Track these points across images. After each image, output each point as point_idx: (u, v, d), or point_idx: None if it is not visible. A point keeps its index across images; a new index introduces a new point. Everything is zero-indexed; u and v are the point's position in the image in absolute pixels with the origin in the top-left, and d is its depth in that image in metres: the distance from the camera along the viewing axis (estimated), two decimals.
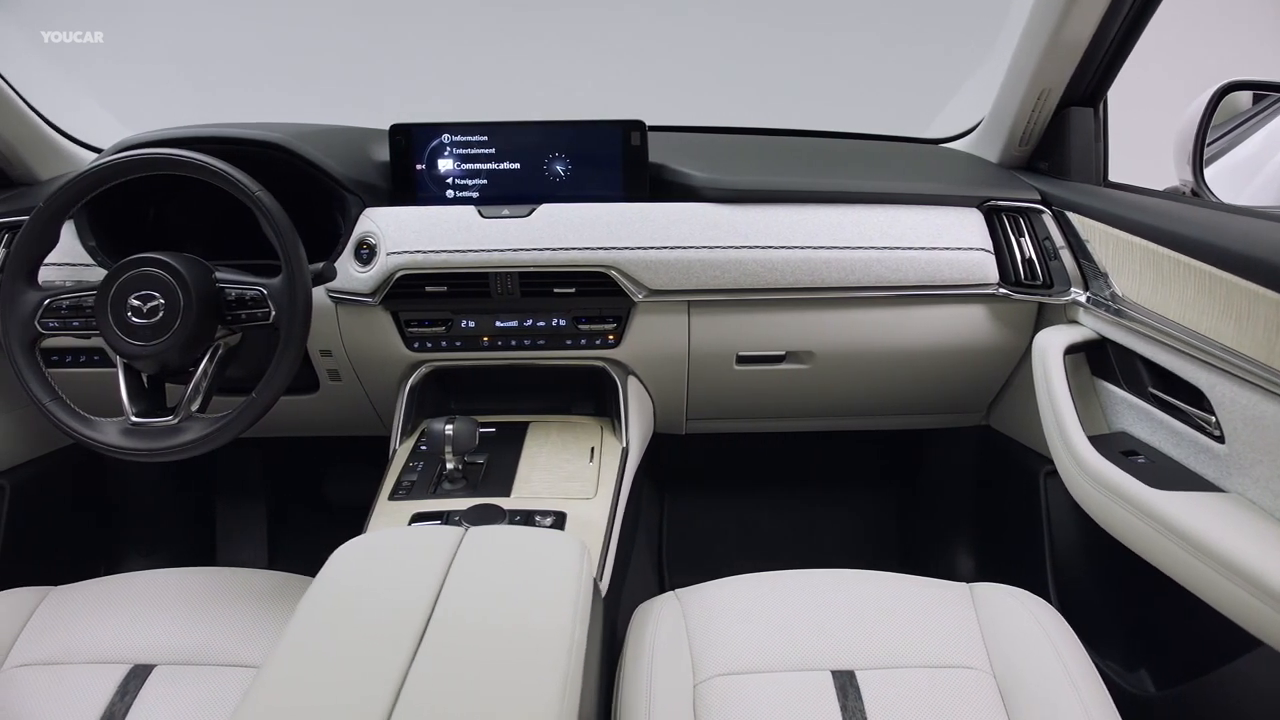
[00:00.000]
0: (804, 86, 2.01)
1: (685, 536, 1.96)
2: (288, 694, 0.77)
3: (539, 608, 0.87)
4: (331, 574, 0.94)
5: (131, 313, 1.15)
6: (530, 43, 2.07)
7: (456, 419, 1.23)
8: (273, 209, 1.15)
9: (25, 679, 1.07)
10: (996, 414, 1.63)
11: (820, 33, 2.03)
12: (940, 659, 1.07)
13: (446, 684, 0.76)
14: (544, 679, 0.77)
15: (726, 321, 1.39)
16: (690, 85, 2.03)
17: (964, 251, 1.35)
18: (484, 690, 0.76)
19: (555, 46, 2.07)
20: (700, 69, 2.05)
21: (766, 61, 2.04)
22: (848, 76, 2.02)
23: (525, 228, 1.32)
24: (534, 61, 2.06)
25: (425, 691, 0.75)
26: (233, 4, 2.01)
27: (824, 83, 2.01)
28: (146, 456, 1.16)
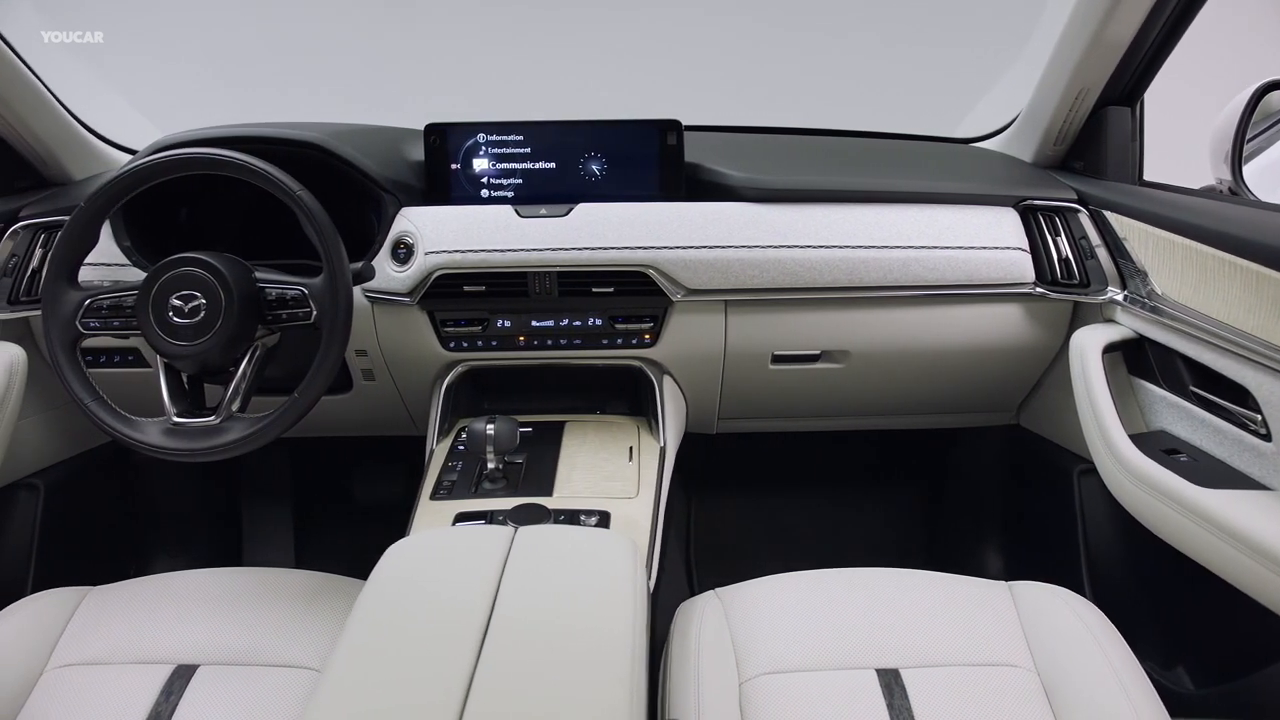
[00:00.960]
0: (829, 87, 2.01)
1: (711, 535, 1.96)
2: (356, 695, 0.77)
3: (599, 608, 0.87)
4: (385, 574, 0.94)
5: (173, 312, 1.14)
6: (551, 43, 2.07)
7: (497, 419, 1.23)
8: (315, 209, 1.15)
9: (69, 679, 1.07)
10: (1027, 413, 1.64)
11: (846, 34, 2.03)
12: (983, 657, 1.07)
13: (514, 684, 0.76)
14: (612, 680, 0.77)
15: (763, 321, 1.39)
16: (715, 86, 2.03)
17: (1001, 251, 1.35)
18: (553, 690, 0.76)
19: (580, 47, 2.07)
20: (725, 69, 2.05)
21: (791, 62, 2.04)
22: (873, 77, 2.02)
23: (563, 227, 1.32)
24: (554, 62, 2.06)
25: (494, 691, 0.75)
26: (246, 3, 2.01)
27: (849, 83, 2.01)
28: (188, 456, 1.15)
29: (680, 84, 2.09)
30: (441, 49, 2.05)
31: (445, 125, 1.40)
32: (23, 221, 1.38)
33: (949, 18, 2.00)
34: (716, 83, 2.03)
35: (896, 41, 2.03)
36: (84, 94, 1.52)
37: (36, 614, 1.15)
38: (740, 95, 2.02)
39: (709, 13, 2.01)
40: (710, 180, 1.39)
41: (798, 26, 2.04)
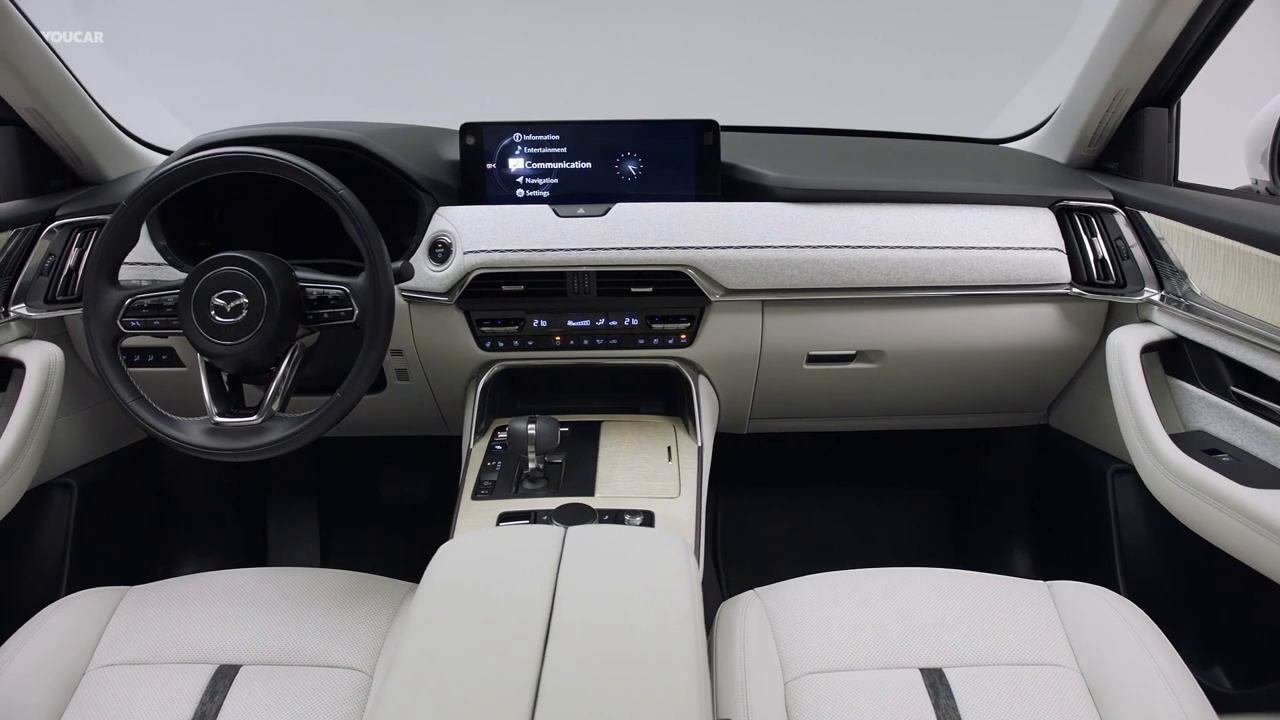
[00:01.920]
0: (858, 88, 2.01)
1: (737, 534, 1.96)
2: (423, 696, 0.76)
3: (660, 608, 0.87)
4: (440, 575, 0.94)
5: (215, 312, 1.14)
6: (578, 44, 2.07)
7: (538, 419, 1.23)
8: (357, 208, 1.15)
9: (113, 679, 1.07)
10: (1058, 413, 1.64)
11: (874, 36, 2.04)
12: (1025, 656, 1.07)
13: (583, 685, 0.76)
14: (681, 683, 0.77)
15: (799, 321, 1.39)
16: (740, 87, 2.04)
17: (1037, 251, 1.35)
18: (623, 693, 0.76)
19: (607, 48, 2.07)
20: (752, 71, 2.05)
21: (819, 64, 2.04)
22: (900, 79, 2.02)
23: (602, 227, 1.32)
24: (581, 63, 2.06)
25: (563, 692, 0.75)
26: (273, 4, 2.01)
27: (878, 85, 2.01)
28: (230, 456, 1.15)
29: (705, 85, 2.09)
30: (467, 49, 2.05)
31: (481, 124, 1.40)
32: (59, 221, 1.38)
33: (975, 20, 2.00)
34: (742, 84, 2.03)
35: (924, 44, 2.03)
36: (116, 93, 1.52)
37: (77, 614, 1.15)
38: (766, 96, 2.03)
39: (737, 17, 2.02)
40: (746, 180, 1.40)
41: (825, 29, 2.04)
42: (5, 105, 1.31)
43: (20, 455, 1.24)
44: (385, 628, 1.14)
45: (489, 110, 1.44)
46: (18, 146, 1.37)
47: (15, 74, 1.24)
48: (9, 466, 1.22)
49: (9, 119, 1.34)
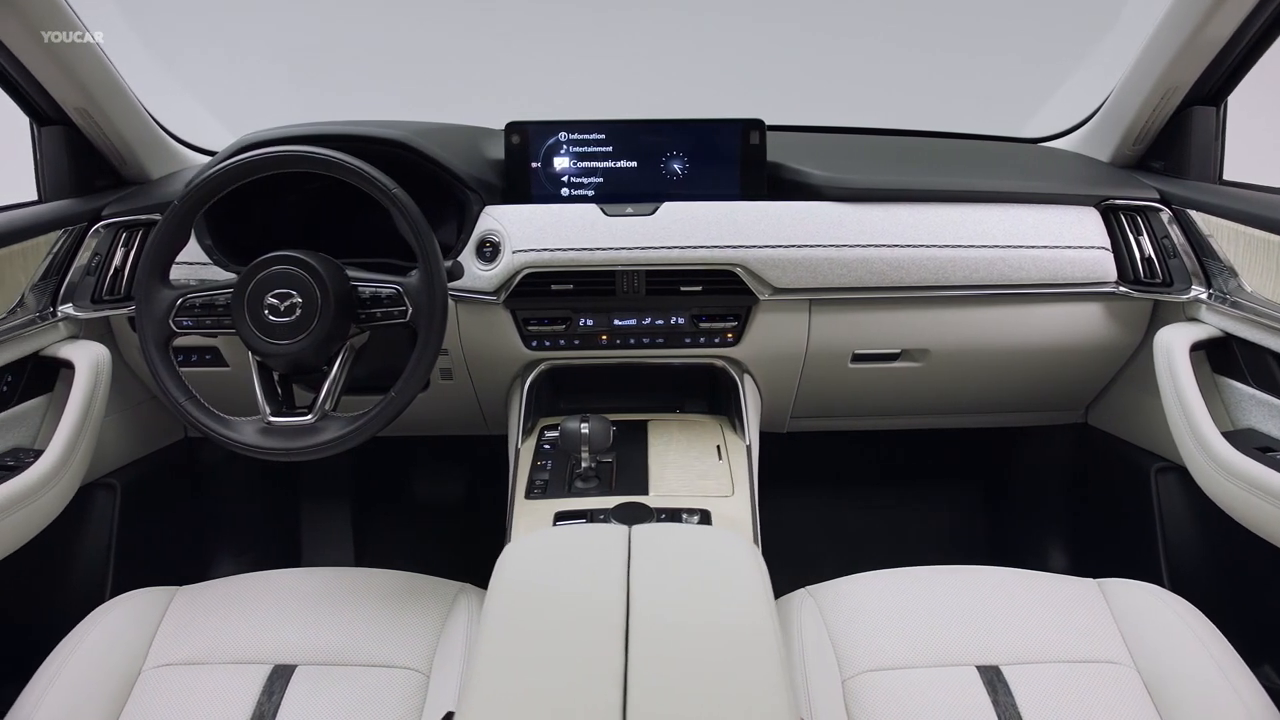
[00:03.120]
0: (889, 89, 2.02)
1: (775, 532, 1.96)
2: (509, 697, 0.76)
3: (737, 607, 0.87)
4: (510, 575, 0.94)
5: (269, 311, 1.14)
6: (612, 43, 2.07)
7: (590, 418, 1.23)
8: (411, 207, 1.15)
9: (169, 679, 1.07)
10: (1098, 411, 1.64)
11: (903, 36, 2.04)
12: (1081, 654, 1.07)
13: (672, 685, 0.76)
14: (768, 679, 0.78)
15: (846, 320, 1.40)
16: (773, 87, 2.04)
17: (1085, 250, 1.35)
18: (712, 690, 0.76)
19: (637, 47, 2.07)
20: (782, 72, 2.06)
21: (851, 64, 2.04)
22: (931, 79, 2.03)
23: (650, 226, 1.33)
24: (615, 61, 2.06)
25: (653, 689, 0.75)
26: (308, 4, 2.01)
27: (908, 85, 2.02)
28: (284, 456, 1.15)
29: (737, 85, 2.09)
30: (498, 49, 2.05)
31: (527, 123, 1.40)
32: (106, 220, 1.38)
33: (1008, 21, 2.01)
34: (776, 84, 2.03)
35: (958, 46, 2.04)
36: (153, 93, 1.52)
37: (130, 614, 1.15)
38: (800, 97, 2.03)
39: (759, 19, 2.02)
40: (791, 180, 1.40)
41: (856, 30, 2.05)
42: (55, 105, 1.30)
43: (72, 455, 1.24)
44: (439, 627, 1.14)
45: (520, 109, 1.44)
46: (65, 146, 1.37)
47: (69, 74, 1.24)
48: (61, 466, 1.22)
49: (58, 119, 1.34)
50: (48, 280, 1.32)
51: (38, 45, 1.18)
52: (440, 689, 1.05)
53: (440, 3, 2.06)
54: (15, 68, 1.23)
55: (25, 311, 1.28)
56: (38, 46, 1.18)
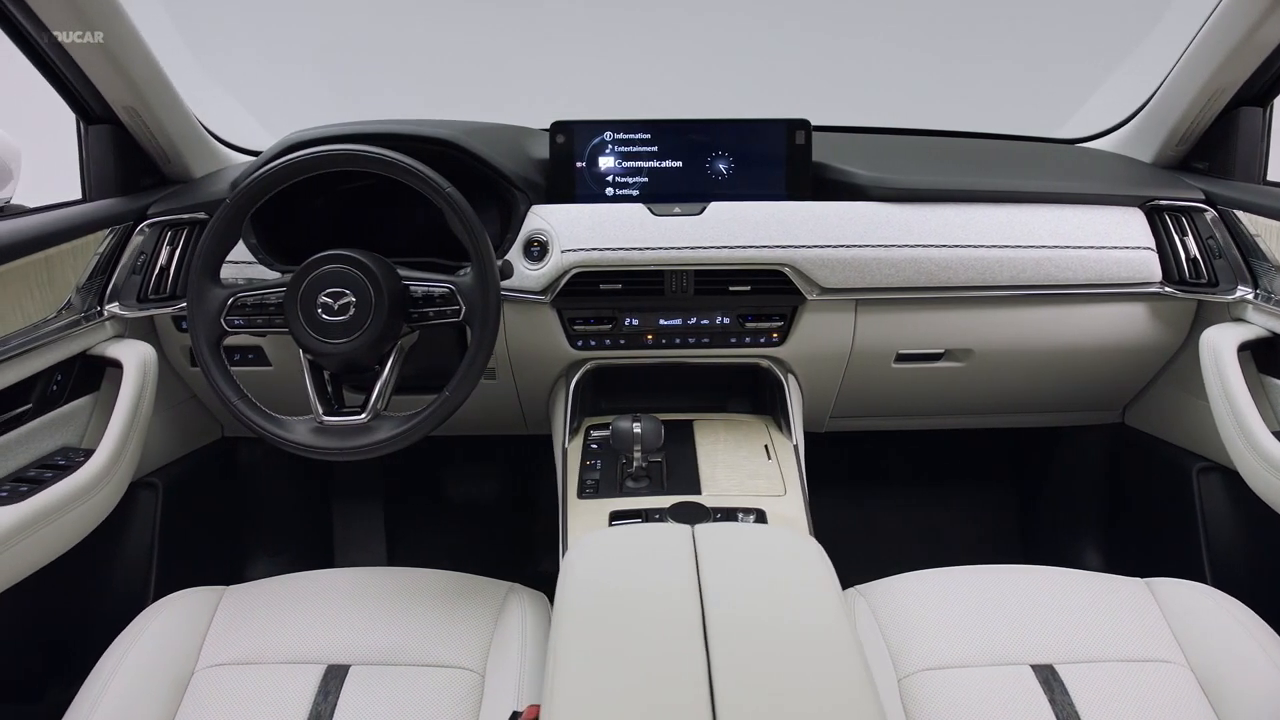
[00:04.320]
0: (922, 89, 2.02)
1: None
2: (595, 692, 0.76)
3: (810, 603, 0.87)
4: (581, 574, 0.93)
5: (322, 310, 1.13)
6: (648, 43, 2.07)
7: (642, 418, 1.23)
8: (465, 207, 1.15)
9: (223, 678, 1.07)
10: (1135, 411, 1.64)
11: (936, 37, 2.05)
12: (1134, 653, 1.07)
13: (756, 678, 0.76)
14: (850, 673, 0.78)
15: (891, 320, 1.40)
16: (805, 87, 2.04)
17: (1131, 251, 1.36)
18: (796, 684, 0.76)
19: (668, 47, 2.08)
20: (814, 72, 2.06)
21: (885, 64, 2.05)
22: (964, 80, 2.03)
23: (698, 226, 1.33)
24: (651, 60, 2.06)
25: (738, 685, 0.75)
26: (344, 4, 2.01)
27: (941, 86, 2.02)
28: (338, 455, 1.15)
29: (770, 86, 2.09)
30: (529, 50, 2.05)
31: (572, 123, 1.40)
32: (151, 219, 1.38)
33: (1041, 25, 2.02)
34: (810, 85, 2.03)
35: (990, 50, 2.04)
36: (194, 92, 1.52)
37: (180, 613, 1.15)
38: (834, 98, 2.03)
39: (774, 22, 2.02)
40: (837, 180, 1.40)
41: (890, 35, 2.05)
42: (104, 103, 1.30)
43: (122, 453, 1.24)
44: (491, 627, 1.14)
45: (542, 109, 1.44)
46: (112, 145, 1.36)
47: (121, 73, 1.24)
48: (112, 464, 1.22)
49: (105, 117, 1.34)
50: (94, 279, 1.32)
51: (95, 45, 1.18)
52: (496, 689, 1.05)
53: (466, 4, 2.06)
54: (69, 66, 1.22)
55: (73, 311, 1.28)
56: (93, 45, 1.18)
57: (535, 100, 2.02)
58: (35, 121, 1.41)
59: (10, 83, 1.33)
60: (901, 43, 2.06)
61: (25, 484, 1.13)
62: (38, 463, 1.21)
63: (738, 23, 2.05)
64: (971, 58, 2.04)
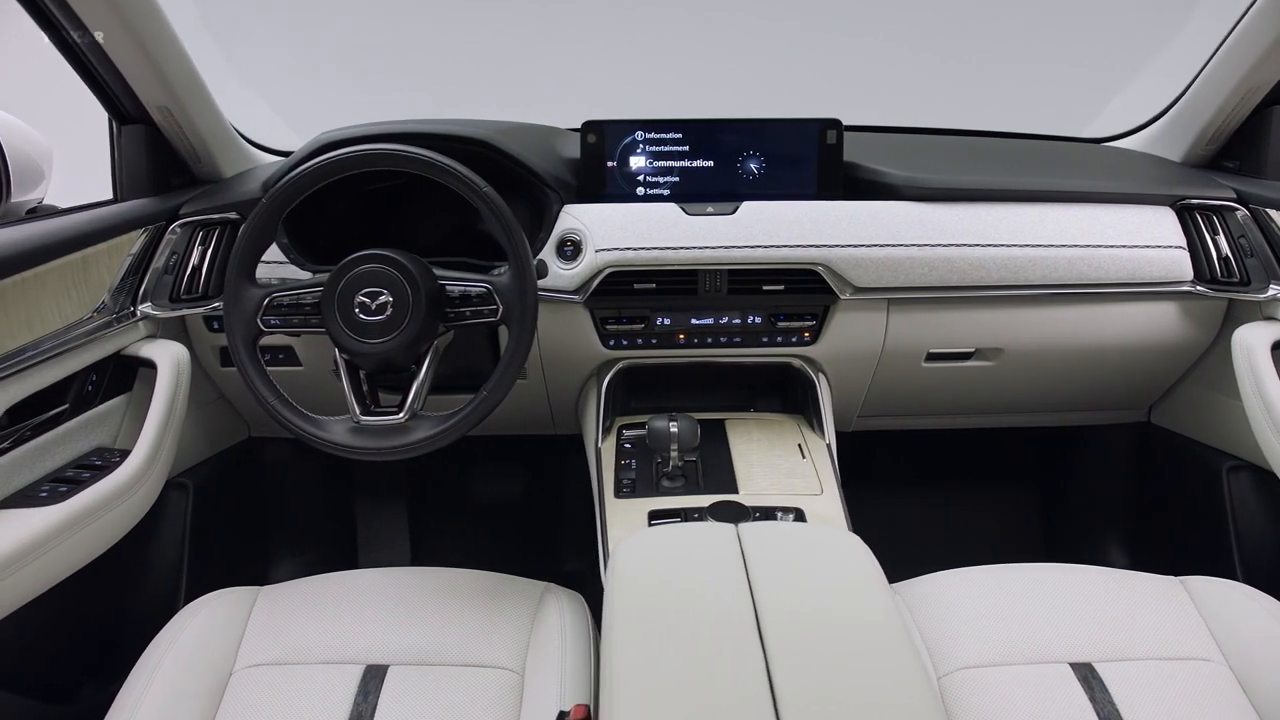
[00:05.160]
0: (950, 89, 2.02)
1: None
2: (654, 690, 0.76)
3: (860, 600, 0.87)
4: (630, 573, 0.93)
5: (359, 309, 1.13)
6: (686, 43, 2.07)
7: (678, 417, 1.23)
8: (502, 207, 1.14)
9: (262, 679, 1.07)
10: (1162, 410, 1.65)
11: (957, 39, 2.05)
12: (1171, 651, 1.08)
13: (814, 675, 0.77)
14: (906, 669, 0.78)
15: (923, 319, 1.40)
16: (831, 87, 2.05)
17: (1163, 250, 1.36)
18: (856, 682, 0.76)
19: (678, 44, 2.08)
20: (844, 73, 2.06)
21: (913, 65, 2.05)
22: (989, 80, 2.04)
23: (732, 225, 1.33)
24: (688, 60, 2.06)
25: (799, 684, 0.75)
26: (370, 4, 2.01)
27: (967, 86, 2.03)
28: (375, 455, 1.15)
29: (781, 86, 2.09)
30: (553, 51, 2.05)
31: (604, 122, 1.40)
32: (183, 219, 1.38)
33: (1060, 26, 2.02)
34: (835, 85, 2.04)
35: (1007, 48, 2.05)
36: (222, 92, 1.51)
37: (216, 614, 1.15)
38: (860, 98, 2.03)
39: (794, 22, 2.02)
40: (868, 179, 1.40)
41: (919, 36, 2.05)
42: (138, 103, 1.30)
43: (158, 454, 1.24)
44: (528, 627, 1.14)
45: (566, 109, 1.44)
46: (145, 145, 1.36)
47: (157, 72, 1.24)
48: (149, 465, 1.22)
49: (139, 117, 1.34)
50: (127, 279, 1.32)
51: (133, 43, 1.18)
52: (537, 689, 1.05)
53: (485, 6, 2.06)
54: (105, 66, 1.22)
55: (106, 311, 1.27)
56: (132, 44, 1.18)
57: (552, 101, 2.02)
58: (54, 124, 1.41)
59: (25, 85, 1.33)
60: (923, 43, 2.06)
61: (64, 484, 1.13)
62: (74, 463, 1.21)
63: (756, 24, 2.05)
64: (992, 58, 2.04)
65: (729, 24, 2.06)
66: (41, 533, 1.04)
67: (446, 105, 2.11)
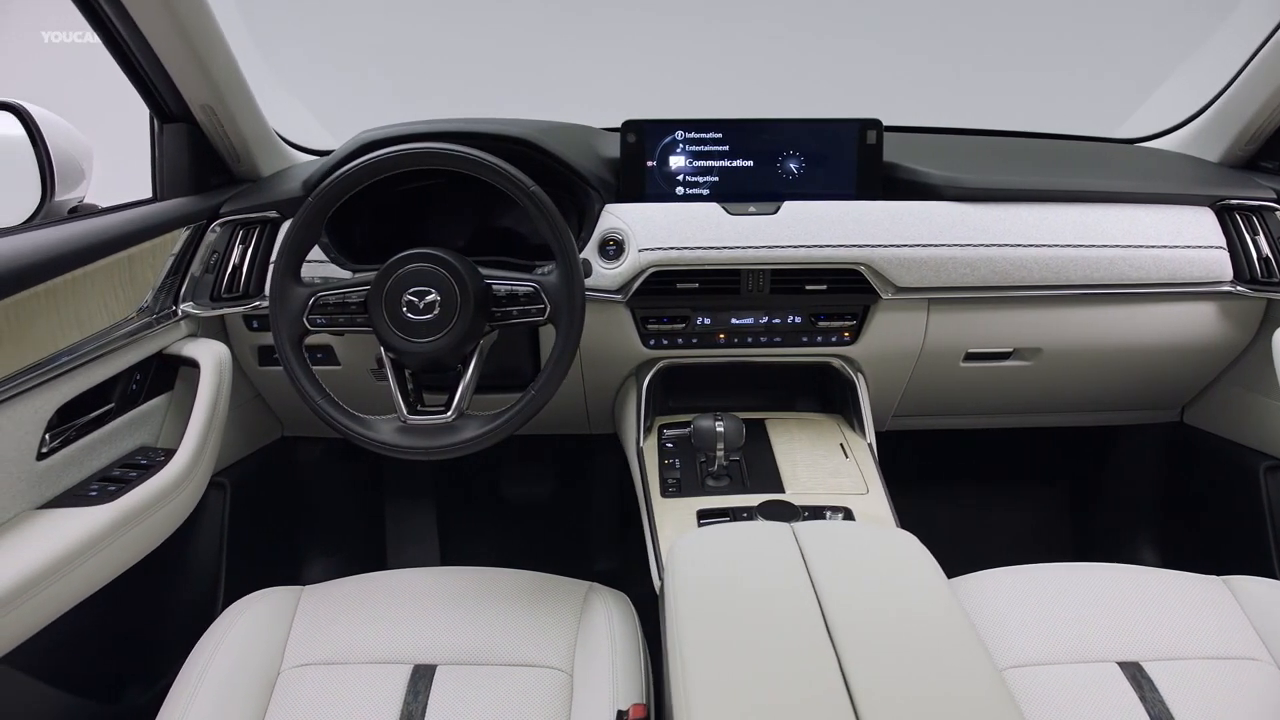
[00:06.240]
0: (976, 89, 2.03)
1: None
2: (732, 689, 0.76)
3: (923, 598, 0.87)
4: (691, 572, 0.93)
5: (407, 308, 1.13)
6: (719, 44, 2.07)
7: (723, 416, 1.23)
8: (550, 207, 1.14)
9: (310, 679, 1.07)
10: (1196, 410, 1.65)
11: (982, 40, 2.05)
12: (1218, 650, 1.08)
13: (888, 672, 0.77)
14: (979, 667, 0.78)
15: (963, 319, 1.40)
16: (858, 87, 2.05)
17: (1204, 250, 1.36)
18: (927, 675, 0.76)
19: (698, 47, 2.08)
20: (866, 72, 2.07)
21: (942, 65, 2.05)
22: (1016, 81, 2.04)
23: (774, 225, 1.33)
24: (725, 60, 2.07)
25: (873, 679, 0.75)
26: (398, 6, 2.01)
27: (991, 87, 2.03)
28: (423, 455, 1.15)
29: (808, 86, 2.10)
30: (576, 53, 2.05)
31: (643, 122, 1.39)
32: (224, 218, 1.38)
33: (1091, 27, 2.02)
34: (866, 87, 2.04)
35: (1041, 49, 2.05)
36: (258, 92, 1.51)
37: (261, 614, 1.15)
38: (893, 99, 2.04)
39: (836, 29, 2.02)
40: (907, 180, 1.40)
41: (950, 38, 2.06)
42: (181, 102, 1.30)
43: (202, 453, 1.24)
44: (575, 626, 1.14)
45: (577, 110, 1.44)
46: (186, 144, 1.36)
47: (204, 70, 1.24)
48: (193, 464, 1.22)
49: (181, 116, 1.33)
50: (170, 278, 1.32)
51: (181, 41, 1.18)
52: (587, 689, 1.05)
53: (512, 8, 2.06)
54: (152, 63, 1.22)
55: (149, 310, 1.27)
56: (181, 42, 1.18)
57: (575, 102, 2.02)
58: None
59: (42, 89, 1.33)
60: (954, 45, 2.06)
61: (113, 484, 1.13)
62: (119, 462, 1.21)
63: (788, 27, 2.05)
64: (1021, 59, 2.04)
65: (758, 31, 2.06)
66: (95, 531, 1.04)
67: (474, 106, 2.11)
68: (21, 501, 1.04)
